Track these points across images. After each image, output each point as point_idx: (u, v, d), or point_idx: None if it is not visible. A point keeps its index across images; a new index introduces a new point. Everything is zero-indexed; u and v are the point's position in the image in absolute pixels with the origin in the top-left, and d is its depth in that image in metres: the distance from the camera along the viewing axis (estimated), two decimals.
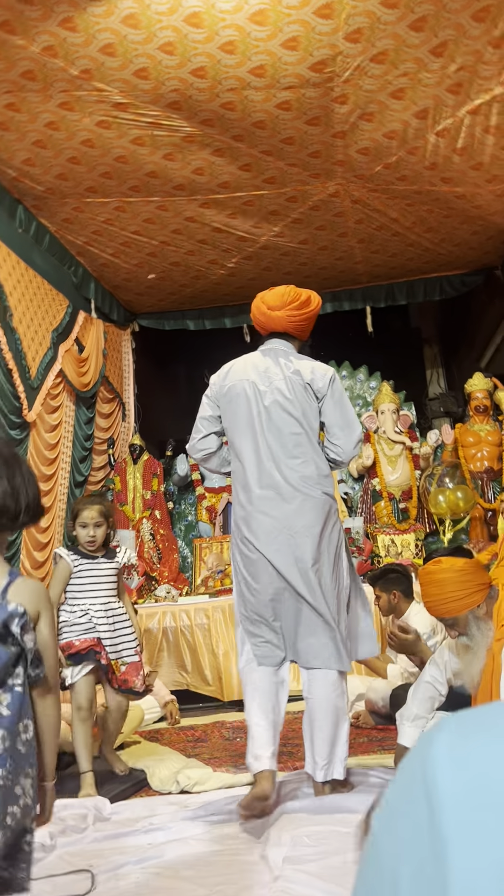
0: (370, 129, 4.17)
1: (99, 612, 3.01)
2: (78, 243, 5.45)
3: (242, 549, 2.64)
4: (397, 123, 4.13)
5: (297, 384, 2.67)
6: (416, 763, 0.39)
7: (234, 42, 3.48)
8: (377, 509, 6.07)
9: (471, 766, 0.37)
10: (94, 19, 3.35)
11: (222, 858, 2.16)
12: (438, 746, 0.39)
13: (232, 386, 2.73)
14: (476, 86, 3.87)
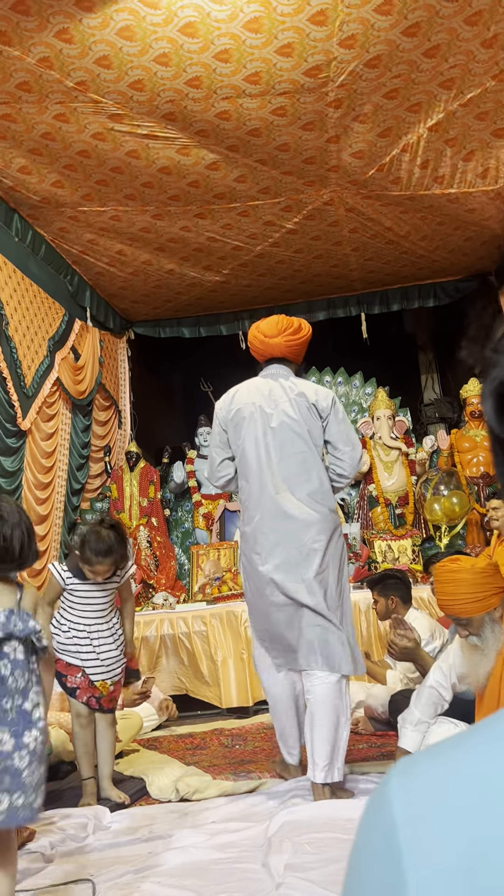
0: (363, 130, 4.19)
1: (83, 632, 2.91)
2: (74, 252, 5.46)
3: (249, 564, 2.80)
4: (391, 121, 4.13)
5: (303, 405, 2.83)
6: (375, 804, 0.42)
7: (229, 50, 3.51)
8: (374, 515, 6.08)
9: (419, 791, 0.40)
10: (89, 31, 3.37)
11: (223, 866, 2.16)
12: (391, 780, 0.42)
13: (238, 409, 2.88)
14: (468, 81, 3.89)
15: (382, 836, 0.40)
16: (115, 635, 2.99)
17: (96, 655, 2.91)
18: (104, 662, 2.93)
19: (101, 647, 2.93)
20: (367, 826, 0.42)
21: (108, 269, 5.78)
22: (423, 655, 3.12)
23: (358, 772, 2.89)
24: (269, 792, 2.80)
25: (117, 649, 2.98)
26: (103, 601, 2.97)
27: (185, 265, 5.82)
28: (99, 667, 2.91)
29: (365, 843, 0.42)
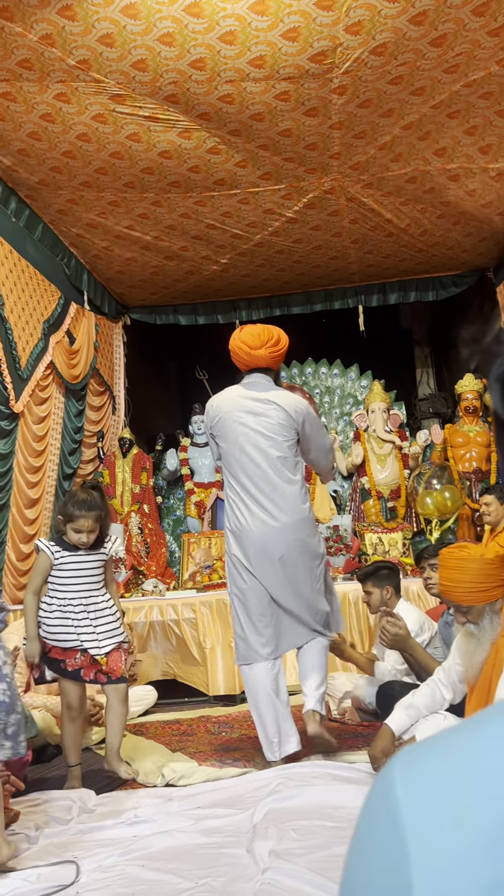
0: (366, 114, 4.15)
1: (79, 606, 2.87)
2: (71, 234, 5.41)
3: (236, 562, 3.09)
4: (394, 103, 4.09)
5: (281, 412, 3.10)
6: (379, 793, 0.43)
7: (235, 32, 3.46)
8: (366, 507, 6.08)
9: (424, 780, 0.40)
10: (93, 8, 3.32)
11: (208, 851, 2.15)
12: (394, 770, 0.42)
13: (222, 417, 3.14)
14: (472, 65, 3.85)
15: (387, 824, 0.40)
16: (110, 605, 2.97)
17: (93, 629, 2.86)
18: (103, 634, 2.88)
19: (98, 619, 2.89)
20: (371, 814, 0.43)
21: (106, 253, 5.74)
22: (413, 644, 3.12)
23: (345, 762, 2.90)
24: (255, 778, 2.80)
25: (115, 618, 2.96)
26: (95, 571, 2.94)
27: (183, 253, 5.78)
28: (96, 639, 2.86)
29: (368, 831, 0.42)
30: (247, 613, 3.04)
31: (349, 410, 6.71)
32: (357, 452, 6.17)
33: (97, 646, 2.86)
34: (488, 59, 3.82)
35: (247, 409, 3.11)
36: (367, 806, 0.43)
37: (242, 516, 3.06)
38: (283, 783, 2.63)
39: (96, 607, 2.90)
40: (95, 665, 2.87)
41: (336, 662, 4.56)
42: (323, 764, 2.82)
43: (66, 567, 2.89)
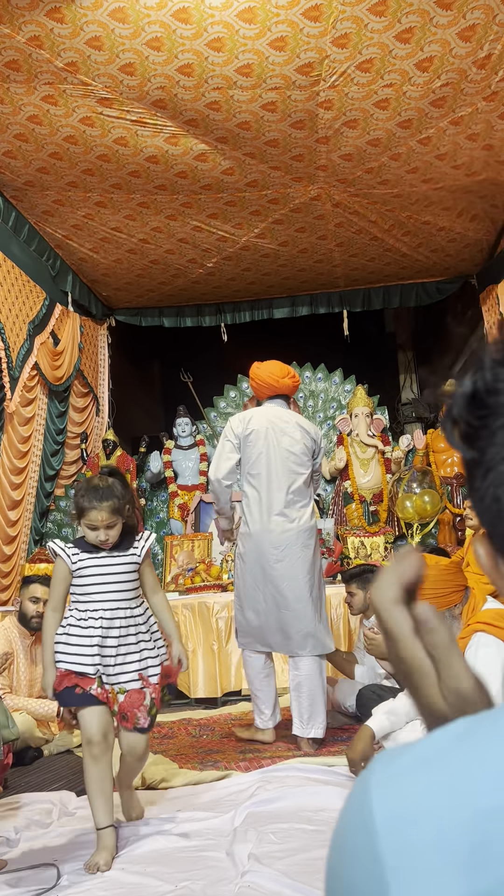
0: (353, 136, 4.21)
1: (99, 621, 2.27)
2: (57, 236, 5.41)
3: (249, 557, 3.48)
4: (381, 132, 4.17)
5: (303, 434, 3.59)
6: (356, 801, 0.43)
7: (222, 39, 3.49)
8: (348, 511, 6.12)
9: (401, 792, 0.41)
10: (81, 11, 3.33)
11: (188, 854, 2.17)
12: (371, 777, 0.43)
13: (255, 430, 3.56)
14: (459, 100, 3.93)
15: (362, 837, 0.41)
16: (145, 620, 2.36)
17: (115, 652, 2.27)
18: (128, 659, 2.29)
19: (124, 637, 2.29)
20: (347, 826, 0.43)
21: (92, 256, 5.73)
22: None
23: (325, 765, 2.92)
24: (236, 782, 2.81)
25: (149, 638, 2.35)
26: (124, 577, 2.33)
27: (169, 256, 5.79)
28: (115, 665, 2.27)
29: (345, 842, 0.43)
30: (241, 608, 3.51)
31: (333, 414, 6.74)
32: (340, 456, 6.21)
33: (115, 678, 2.27)
34: (475, 94, 3.87)
35: (279, 428, 3.58)
36: (344, 816, 0.44)
37: (257, 522, 3.48)
38: (263, 786, 2.65)
39: (124, 622, 2.29)
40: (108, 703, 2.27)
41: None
42: (303, 767, 2.84)
43: (87, 573, 2.31)
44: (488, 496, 0.48)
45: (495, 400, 0.47)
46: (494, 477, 0.47)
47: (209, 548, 5.92)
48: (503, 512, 0.47)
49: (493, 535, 0.50)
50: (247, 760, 3.12)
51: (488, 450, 0.48)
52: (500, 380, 0.47)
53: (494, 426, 0.47)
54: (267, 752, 3.26)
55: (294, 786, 2.62)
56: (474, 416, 0.49)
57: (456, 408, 0.50)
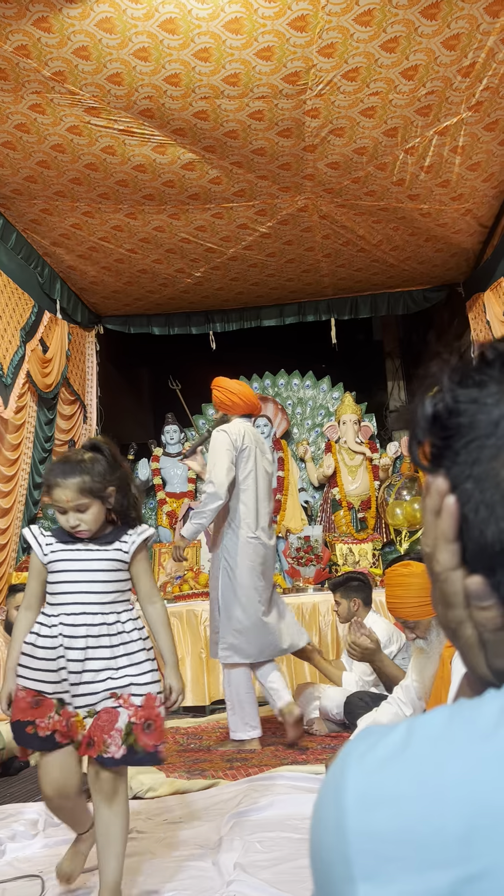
0: (340, 144, 4.24)
1: (67, 631, 1.84)
2: (45, 244, 5.40)
3: (249, 564, 3.63)
4: (367, 140, 4.20)
5: (273, 458, 3.92)
6: (334, 772, 0.45)
7: (209, 49, 3.51)
8: (336, 518, 6.13)
9: (374, 772, 0.43)
10: (68, 21, 3.34)
11: (174, 863, 2.16)
12: (351, 755, 0.45)
13: (248, 447, 3.70)
14: (444, 109, 3.97)
15: (334, 812, 0.43)
16: (127, 630, 1.90)
17: (82, 667, 1.83)
18: (98, 675, 1.84)
19: (96, 650, 1.84)
20: (323, 798, 0.45)
21: (80, 265, 5.73)
22: (382, 657, 3.16)
23: (312, 773, 2.92)
24: (223, 790, 2.81)
25: (128, 651, 1.88)
26: (100, 576, 1.89)
27: (157, 266, 5.79)
28: (81, 684, 1.83)
29: (319, 814, 0.45)
30: (239, 619, 3.61)
31: (321, 422, 6.76)
32: (328, 463, 6.23)
33: (81, 699, 1.84)
34: (460, 103, 3.91)
35: (261, 448, 3.82)
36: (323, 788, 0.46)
37: (253, 532, 3.65)
38: (250, 795, 2.65)
39: (94, 632, 1.85)
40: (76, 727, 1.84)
41: (306, 672, 4.59)
42: (290, 775, 2.84)
43: (58, 568, 1.89)
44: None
45: (456, 421, 0.49)
46: (460, 494, 0.49)
47: (197, 555, 5.91)
48: (471, 530, 0.49)
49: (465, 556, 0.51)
50: (234, 769, 3.12)
51: (452, 469, 0.49)
52: (460, 401, 0.49)
53: (457, 446, 0.49)
54: (254, 761, 3.26)
55: (281, 794, 2.62)
56: (438, 437, 0.50)
57: (419, 430, 0.51)
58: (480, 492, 0.47)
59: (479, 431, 0.48)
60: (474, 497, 0.48)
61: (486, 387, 0.48)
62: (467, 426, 0.48)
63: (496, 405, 0.48)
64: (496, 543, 0.47)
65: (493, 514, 0.47)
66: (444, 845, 0.38)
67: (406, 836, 0.39)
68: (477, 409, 0.48)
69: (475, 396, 0.49)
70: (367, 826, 0.41)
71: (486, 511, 0.47)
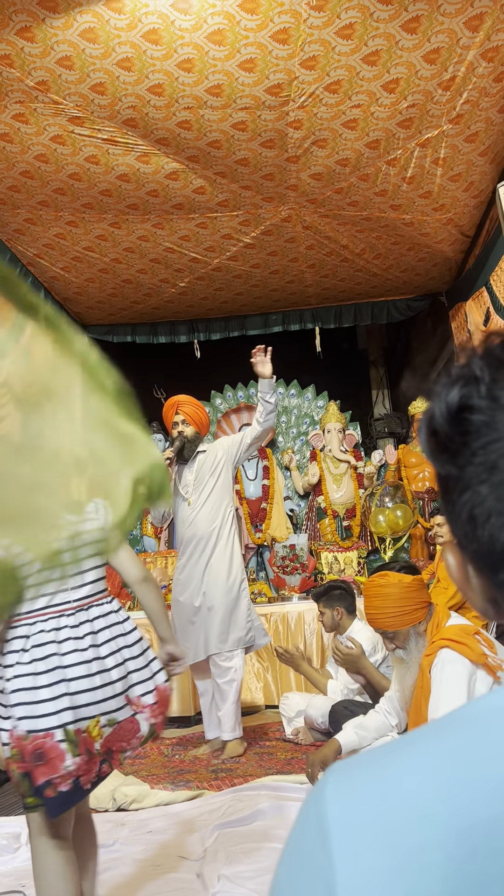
0: (323, 155, 4.27)
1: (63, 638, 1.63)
2: (28, 254, 5.39)
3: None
4: (349, 152, 4.24)
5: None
6: (311, 805, 0.44)
7: (192, 60, 3.53)
8: (321, 527, 6.14)
9: (353, 797, 0.42)
10: (52, 31, 3.35)
11: (158, 876, 2.14)
12: (326, 786, 0.44)
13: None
14: (426, 122, 4.01)
15: (316, 838, 0.42)
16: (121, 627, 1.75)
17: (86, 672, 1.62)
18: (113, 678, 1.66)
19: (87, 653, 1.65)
20: (302, 826, 0.44)
21: (63, 275, 5.73)
22: (366, 664, 3.16)
23: (297, 783, 2.91)
24: (207, 801, 2.79)
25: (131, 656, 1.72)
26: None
27: (141, 276, 5.80)
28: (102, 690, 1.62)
29: (299, 842, 0.44)
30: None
31: (306, 430, 6.78)
32: (313, 472, 6.24)
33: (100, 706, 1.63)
34: (441, 116, 3.96)
35: None
36: (300, 819, 0.45)
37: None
38: (234, 805, 2.64)
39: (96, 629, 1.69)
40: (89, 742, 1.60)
41: (291, 681, 4.58)
42: (275, 785, 2.83)
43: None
44: (464, 513, 0.48)
45: (480, 418, 0.46)
46: (471, 496, 0.47)
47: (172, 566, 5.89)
48: (477, 530, 0.47)
49: (464, 548, 0.50)
50: (219, 779, 3.10)
51: (467, 468, 0.47)
52: (491, 397, 0.46)
53: (475, 446, 0.47)
54: (238, 771, 3.24)
55: (265, 804, 2.60)
56: (457, 432, 0.48)
57: (438, 419, 0.49)
58: (496, 500, 0.46)
59: (500, 433, 0.45)
60: (487, 503, 0.46)
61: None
62: (486, 425, 0.46)
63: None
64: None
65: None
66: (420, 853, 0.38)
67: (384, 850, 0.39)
68: (497, 408, 0.46)
69: (496, 394, 0.46)
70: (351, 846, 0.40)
71: (499, 520, 0.46)
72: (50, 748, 1.51)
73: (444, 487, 0.51)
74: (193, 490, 3.92)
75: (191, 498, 3.92)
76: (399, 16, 3.32)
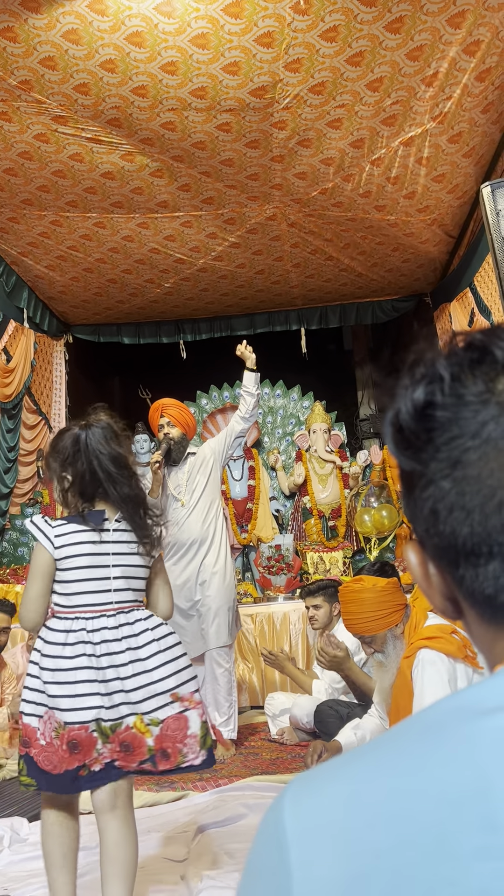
0: (307, 154, 4.28)
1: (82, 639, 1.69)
2: (12, 253, 5.37)
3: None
4: (334, 151, 4.25)
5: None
6: (270, 816, 0.44)
7: (176, 63, 3.53)
8: (307, 527, 6.15)
9: (309, 808, 0.42)
10: (34, 31, 3.34)
11: (141, 878, 2.14)
12: (285, 797, 0.44)
13: None
14: (409, 119, 4.03)
15: (274, 849, 0.42)
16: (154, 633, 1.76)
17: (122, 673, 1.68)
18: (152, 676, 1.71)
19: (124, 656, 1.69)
20: (262, 838, 0.44)
21: (48, 273, 5.70)
22: (351, 665, 3.17)
23: (282, 782, 2.92)
24: (191, 802, 2.79)
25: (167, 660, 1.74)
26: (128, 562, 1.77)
27: (126, 276, 5.79)
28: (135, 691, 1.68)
29: (258, 854, 0.44)
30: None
31: (291, 430, 6.79)
32: (299, 472, 6.25)
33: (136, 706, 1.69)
34: (424, 114, 3.98)
35: None
36: (260, 830, 0.45)
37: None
38: (219, 806, 2.64)
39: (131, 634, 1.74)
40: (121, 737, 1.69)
41: (276, 681, 4.59)
42: (258, 786, 2.83)
43: (71, 563, 1.75)
44: (426, 508, 0.48)
45: (444, 415, 0.47)
46: (434, 491, 0.47)
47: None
48: (439, 525, 0.47)
49: (425, 544, 0.50)
50: (203, 780, 3.11)
51: (431, 464, 0.47)
52: (455, 395, 0.47)
53: (439, 441, 0.47)
54: (223, 771, 3.25)
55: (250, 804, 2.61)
56: (422, 429, 0.48)
57: (403, 416, 0.49)
58: (458, 494, 0.46)
59: (463, 430, 0.46)
60: (449, 497, 0.46)
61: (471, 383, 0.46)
62: (450, 422, 0.46)
63: (483, 405, 0.46)
64: (466, 544, 0.46)
65: (469, 517, 0.46)
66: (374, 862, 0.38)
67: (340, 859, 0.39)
68: (461, 405, 0.46)
69: (460, 392, 0.46)
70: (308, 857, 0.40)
71: (461, 514, 0.46)
72: (85, 739, 1.66)
73: (407, 483, 0.51)
74: (185, 491, 3.89)
75: (183, 499, 3.89)
76: (383, 17, 3.34)
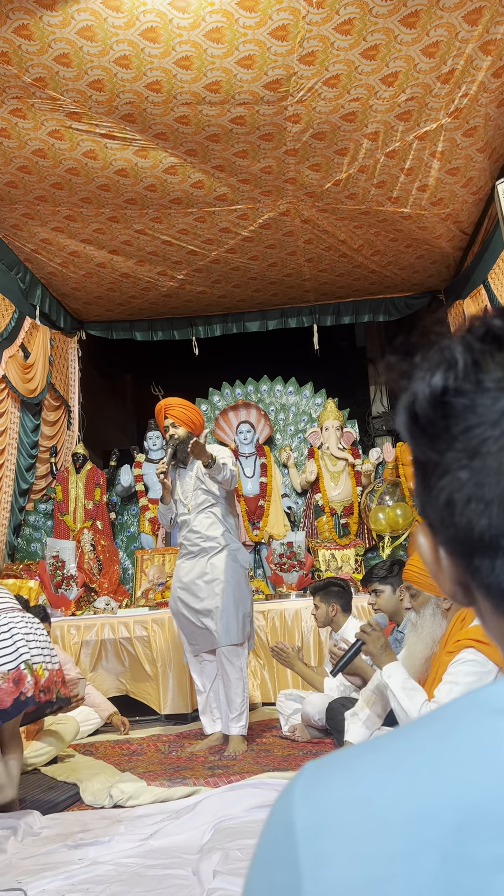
0: (321, 147, 4.27)
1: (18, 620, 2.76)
2: (26, 250, 5.39)
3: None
4: (348, 142, 4.23)
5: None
6: (279, 810, 0.43)
7: (191, 58, 3.52)
8: (319, 524, 6.14)
9: (321, 802, 0.41)
10: (49, 29, 3.34)
11: (154, 873, 2.15)
12: (294, 790, 0.43)
13: None
14: (424, 115, 4.01)
15: (283, 844, 0.41)
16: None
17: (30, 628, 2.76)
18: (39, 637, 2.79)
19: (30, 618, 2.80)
20: (270, 831, 0.43)
21: (61, 270, 5.72)
22: (362, 665, 3.16)
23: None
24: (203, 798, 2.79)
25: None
26: None
27: (139, 269, 5.79)
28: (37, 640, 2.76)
29: (266, 847, 0.43)
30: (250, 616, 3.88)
31: (304, 428, 6.78)
32: (311, 470, 6.23)
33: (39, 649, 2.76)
34: (439, 109, 3.96)
35: None
36: (268, 824, 0.44)
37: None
38: (231, 801, 2.64)
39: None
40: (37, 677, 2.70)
41: (288, 678, 4.59)
42: (271, 782, 2.83)
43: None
44: (441, 498, 0.47)
45: (462, 402, 0.45)
46: (451, 481, 0.46)
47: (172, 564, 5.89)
48: (455, 516, 0.46)
49: (438, 532, 0.49)
50: (216, 776, 3.11)
51: (448, 453, 0.46)
52: (474, 381, 0.45)
53: (456, 430, 0.45)
54: (235, 768, 3.25)
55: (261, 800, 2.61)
56: (438, 416, 0.47)
57: (419, 403, 0.48)
58: (476, 486, 0.44)
59: (482, 418, 0.44)
60: (467, 488, 0.45)
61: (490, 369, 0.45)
62: (467, 409, 0.45)
63: (502, 392, 0.44)
64: (484, 536, 0.45)
65: (488, 509, 0.44)
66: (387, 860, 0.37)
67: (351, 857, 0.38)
68: (479, 392, 0.45)
69: (479, 378, 0.45)
70: (317, 852, 0.39)
71: (479, 505, 0.45)
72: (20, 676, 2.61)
73: (422, 472, 0.50)
74: (193, 492, 3.88)
75: (190, 504, 3.88)
76: (398, 10, 3.32)
